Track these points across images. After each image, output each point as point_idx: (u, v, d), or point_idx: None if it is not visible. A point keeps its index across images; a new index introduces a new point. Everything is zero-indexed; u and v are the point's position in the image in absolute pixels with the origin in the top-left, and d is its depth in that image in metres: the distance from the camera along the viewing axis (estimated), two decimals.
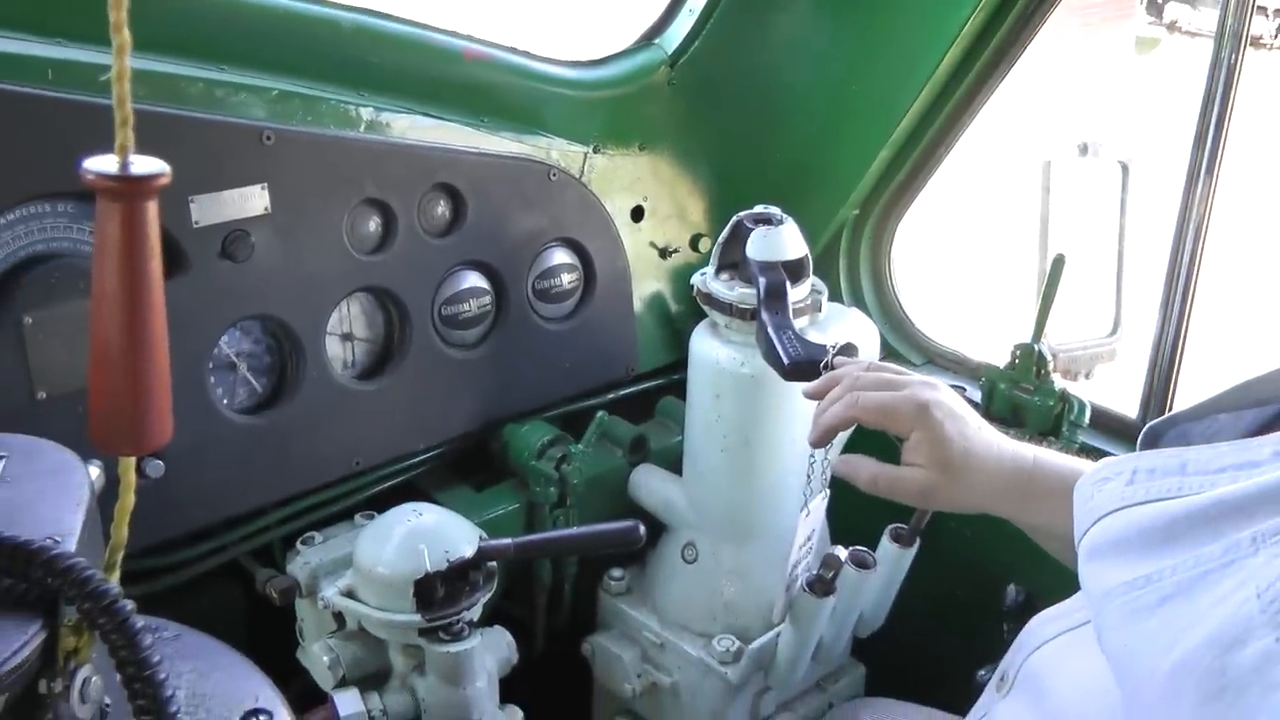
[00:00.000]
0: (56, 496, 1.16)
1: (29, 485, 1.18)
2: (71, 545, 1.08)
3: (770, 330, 1.88)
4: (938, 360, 2.51)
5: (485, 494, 2.29)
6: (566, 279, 2.34)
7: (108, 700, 1.10)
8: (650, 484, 2.34)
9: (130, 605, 1.00)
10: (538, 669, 2.44)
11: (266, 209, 1.89)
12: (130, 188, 0.93)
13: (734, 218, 2.08)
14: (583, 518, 2.28)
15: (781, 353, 1.82)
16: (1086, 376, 2.45)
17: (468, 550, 1.86)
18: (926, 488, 1.54)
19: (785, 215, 2.06)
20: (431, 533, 1.86)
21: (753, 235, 2.02)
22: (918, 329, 2.53)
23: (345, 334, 2.10)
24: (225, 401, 1.97)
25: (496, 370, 2.27)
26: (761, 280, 1.97)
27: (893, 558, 2.06)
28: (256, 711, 1.32)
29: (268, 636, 1.96)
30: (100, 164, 0.92)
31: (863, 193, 2.45)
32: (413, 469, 2.26)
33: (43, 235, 1.74)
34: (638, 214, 2.43)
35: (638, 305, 2.46)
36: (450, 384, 2.21)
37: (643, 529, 1.89)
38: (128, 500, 1.08)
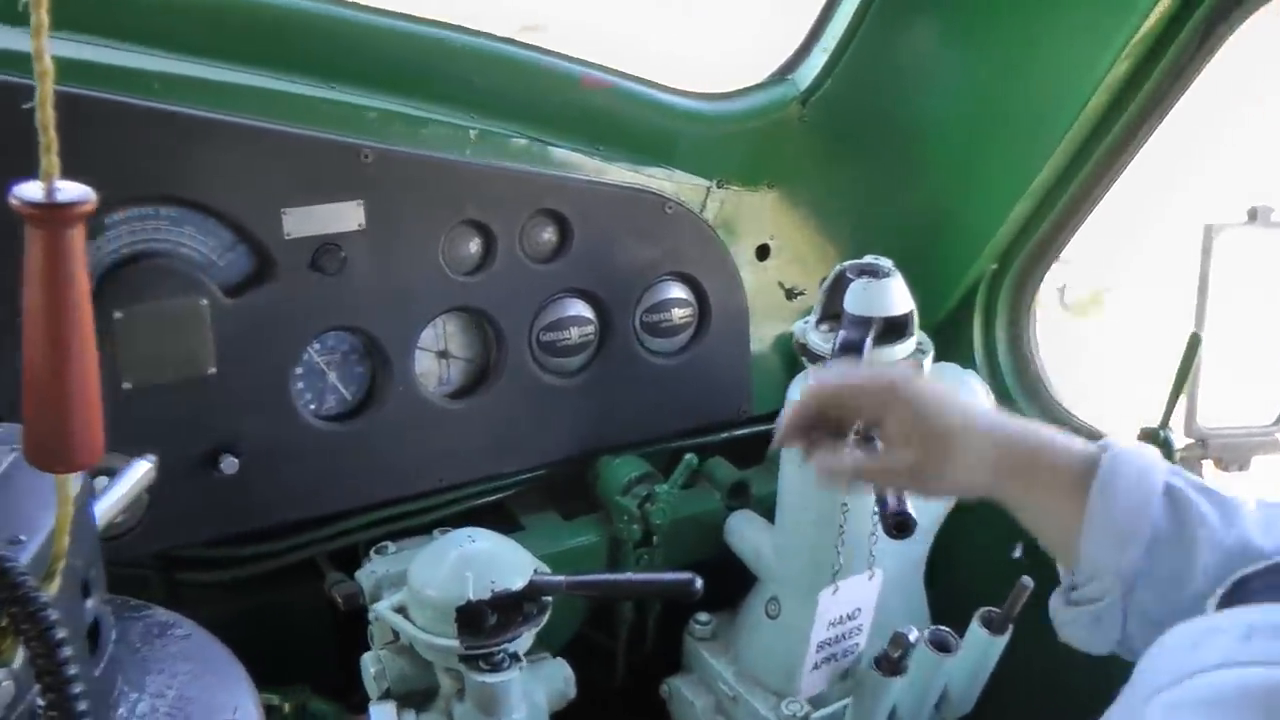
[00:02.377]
0: (44, 494, 1.19)
1: (25, 481, 1.21)
2: (35, 545, 1.11)
3: None
4: (1069, 432, 2.34)
5: (572, 524, 2.28)
6: (678, 313, 2.30)
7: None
8: (745, 531, 2.28)
9: (54, 615, 1.02)
10: (616, 703, 2.43)
11: (361, 225, 1.93)
12: (52, 214, 0.93)
13: (837, 267, 2.00)
14: (669, 559, 2.25)
15: None
16: (1241, 469, 2.25)
17: (518, 582, 1.84)
18: (916, 467, 1.40)
19: (894, 269, 1.96)
20: (481, 561, 1.85)
21: (852, 286, 1.94)
22: (1053, 397, 2.38)
23: (441, 351, 2.13)
24: (312, 407, 2.02)
25: (596, 400, 2.25)
26: (841, 333, 1.88)
27: (981, 643, 1.94)
28: None
29: (357, 636, 2.01)
30: (26, 191, 0.93)
31: (1000, 245, 2.31)
32: (504, 490, 2.27)
33: (144, 237, 1.81)
34: (763, 252, 2.37)
35: (758, 345, 2.41)
36: (545, 410, 2.21)
37: (699, 583, 1.83)
38: (65, 512, 1.10)
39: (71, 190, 0.94)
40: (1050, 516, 1.35)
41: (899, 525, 1.54)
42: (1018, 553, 2.22)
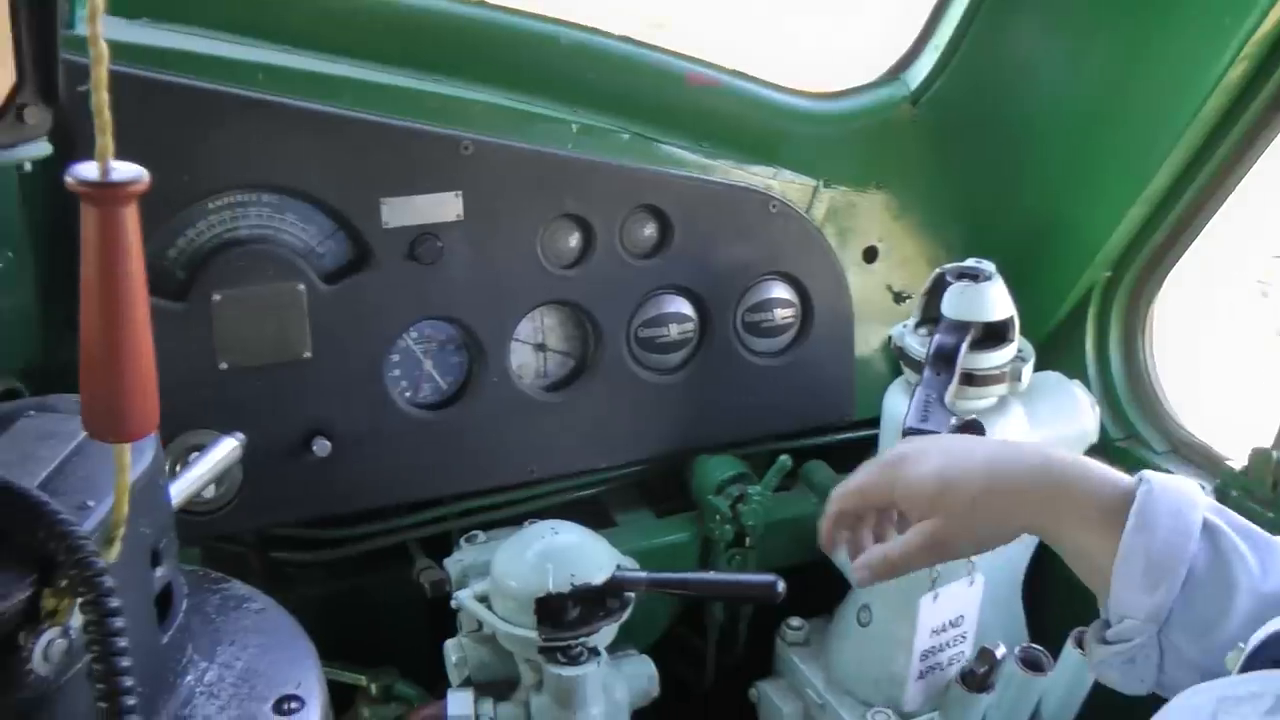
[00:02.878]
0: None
1: (100, 451, 1.24)
2: (101, 512, 1.14)
3: (918, 390, 1.76)
4: (1182, 450, 2.25)
5: (664, 521, 2.28)
6: (781, 314, 2.28)
7: None
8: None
9: (109, 581, 1.05)
10: (703, 704, 2.41)
11: (459, 215, 1.95)
12: (106, 193, 0.96)
13: (937, 269, 1.96)
14: (762, 561, 2.22)
15: (909, 416, 1.70)
16: None
17: (598, 576, 1.85)
18: (934, 539, 1.37)
19: (995, 273, 1.91)
20: (563, 553, 1.86)
21: (949, 290, 1.90)
22: (1168, 412, 2.28)
23: (539, 344, 2.14)
24: (407, 395, 2.05)
25: (694, 399, 2.24)
26: (935, 338, 1.84)
27: (1075, 665, 1.88)
28: (290, 698, 1.36)
29: (450, 623, 2.03)
30: (82, 170, 0.96)
31: (1114, 252, 2.23)
32: (599, 485, 2.28)
33: (245, 222, 1.86)
34: (870, 254, 2.33)
35: (863, 349, 2.37)
36: (641, 407, 2.20)
37: (781, 586, 1.82)
38: (123, 481, 1.12)
39: (125, 170, 0.96)
40: (1084, 552, 1.27)
41: None
42: None
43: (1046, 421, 1.99)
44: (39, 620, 1.05)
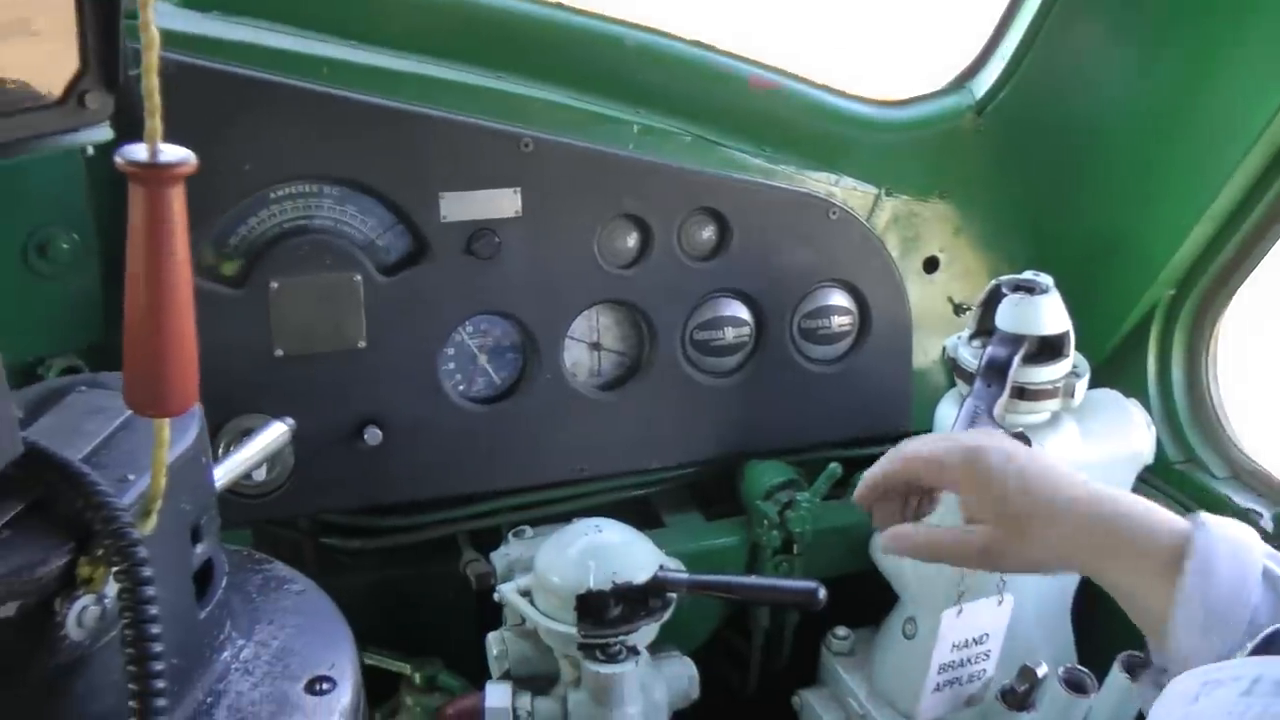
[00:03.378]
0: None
1: (145, 426, 1.27)
2: (141, 485, 1.17)
3: (967, 401, 1.74)
4: (1242, 475, 2.20)
5: (713, 525, 2.28)
6: (838, 321, 2.27)
7: None
8: None
9: (143, 553, 1.08)
10: (746, 710, 2.41)
11: (517, 212, 1.97)
12: (154, 174, 0.98)
13: (993, 281, 1.94)
14: (810, 568, 2.22)
15: (956, 427, 1.69)
16: None
17: (640, 576, 1.85)
18: (988, 547, 1.33)
19: (1052, 286, 1.88)
20: (606, 551, 1.87)
21: (1004, 302, 1.88)
22: (1229, 437, 2.23)
23: (594, 343, 2.15)
24: (461, 388, 2.07)
25: (747, 402, 2.24)
26: (988, 349, 1.83)
27: (1121, 689, 1.85)
28: (322, 679, 1.38)
29: (498, 617, 2.05)
30: (132, 151, 0.98)
31: (1179, 270, 2.19)
32: (649, 486, 2.28)
33: (306, 212, 1.90)
34: (931, 264, 2.32)
35: (921, 360, 2.35)
36: (694, 409, 2.21)
37: (823, 593, 1.81)
38: (161, 456, 1.15)
39: (173, 152, 0.99)
40: (1138, 596, 1.23)
41: None
42: None
43: (1099, 439, 1.96)
44: (74, 587, 1.08)
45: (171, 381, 1.07)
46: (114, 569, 1.07)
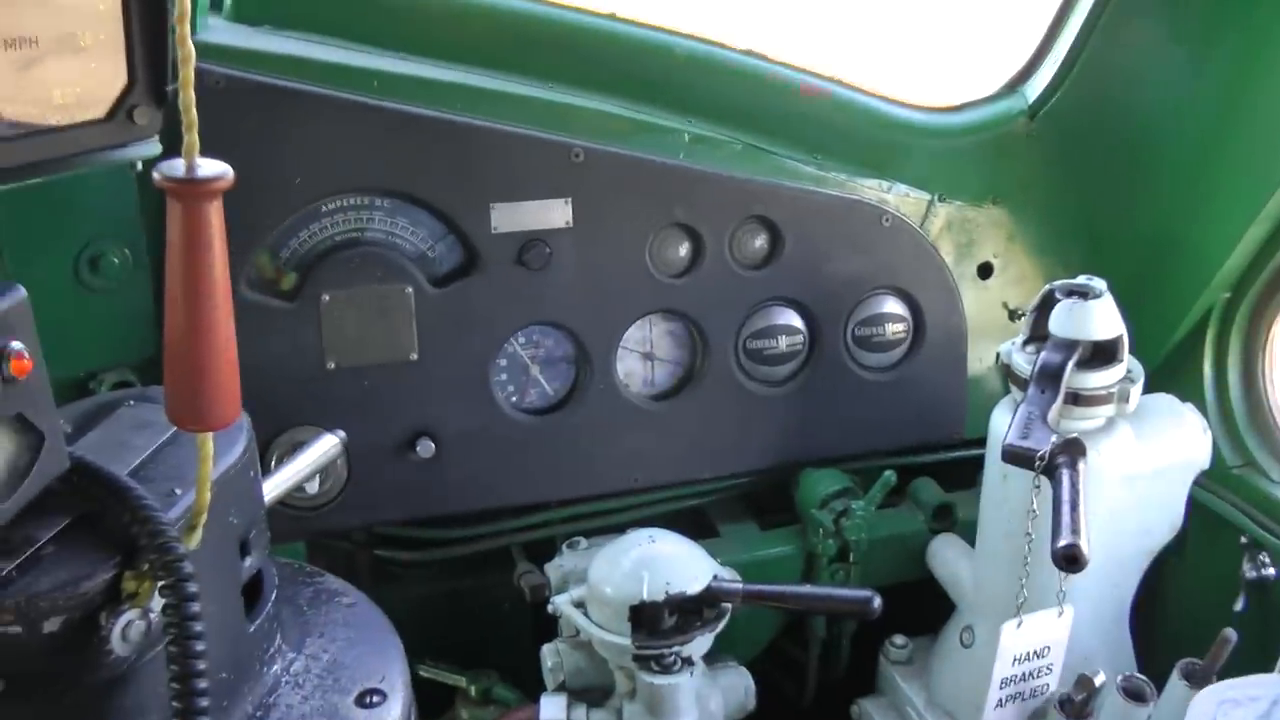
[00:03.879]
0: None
1: (192, 442, 1.28)
2: (187, 500, 1.17)
3: (1021, 407, 1.72)
4: None
5: (768, 534, 2.26)
6: (892, 329, 2.25)
7: None
8: (946, 555, 2.20)
9: (189, 568, 1.08)
10: (805, 719, 2.39)
11: (568, 222, 1.97)
12: (192, 189, 0.99)
13: (1046, 286, 1.91)
14: (866, 577, 2.19)
15: (1009, 433, 1.66)
16: None
17: (694, 586, 1.84)
18: None
19: (1105, 290, 1.85)
20: (659, 562, 1.86)
21: (1057, 307, 1.85)
22: None
23: (646, 353, 2.14)
24: (514, 399, 2.07)
25: (801, 411, 2.22)
26: (1041, 355, 1.80)
27: (1181, 696, 1.80)
28: (373, 691, 1.38)
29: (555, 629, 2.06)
30: (169, 167, 0.99)
31: (1234, 273, 2.16)
32: (704, 495, 2.27)
33: (358, 225, 1.91)
34: (985, 270, 2.29)
35: (976, 367, 2.32)
36: (747, 418, 2.19)
37: (877, 602, 1.80)
38: (205, 470, 1.16)
39: (210, 167, 0.99)
40: None
41: (1068, 558, 1.46)
42: (1240, 605, 2.06)
43: (1155, 445, 1.92)
44: (120, 601, 1.09)
45: (211, 395, 1.08)
46: (159, 584, 1.08)
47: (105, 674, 1.08)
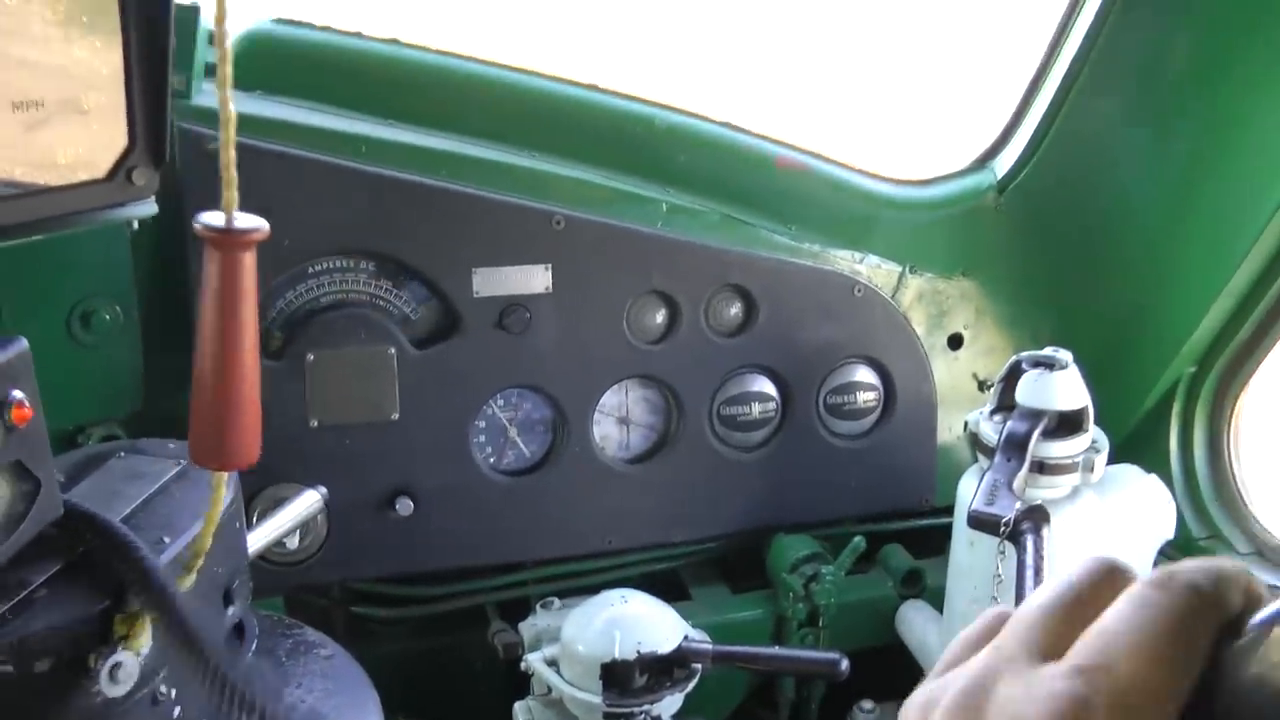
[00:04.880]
0: (195, 507, 1.29)
1: (181, 493, 1.32)
2: (177, 546, 1.21)
3: (987, 474, 1.77)
4: (1268, 553, 2.20)
5: (739, 598, 2.29)
6: (863, 397, 2.30)
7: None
8: (914, 620, 2.24)
9: (182, 603, 1.11)
10: None
11: (548, 288, 2.01)
12: (230, 239, 1.04)
13: (1013, 357, 1.97)
14: (835, 641, 2.22)
15: (975, 500, 1.71)
16: None
17: (665, 646, 1.87)
18: None
19: (1070, 361, 1.91)
20: (631, 621, 1.89)
21: (1024, 378, 1.91)
22: (1252, 513, 2.23)
23: (622, 418, 2.19)
24: (492, 460, 2.10)
25: (774, 477, 2.26)
26: (1008, 424, 1.85)
27: None
28: None
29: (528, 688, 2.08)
30: (209, 218, 1.04)
31: (1200, 347, 2.22)
32: (676, 559, 2.31)
33: (343, 286, 1.95)
34: (956, 341, 2.34)
35: (946, 435, 2.37)
36: (721, 482, 2.23)
37: (845, 663, 1.83)
38: (215, 511, 1.20)
39: (247, 220, 1.04)
40: None
41: None
42: None
43: (1120, 515, 1.97)
44: (109, 643, 1.12)
45: (236, 436, 1.12)
46: (151, 619, 1.11)
47: (93, 714, 1.11)
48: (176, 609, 1.10)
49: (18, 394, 1.05)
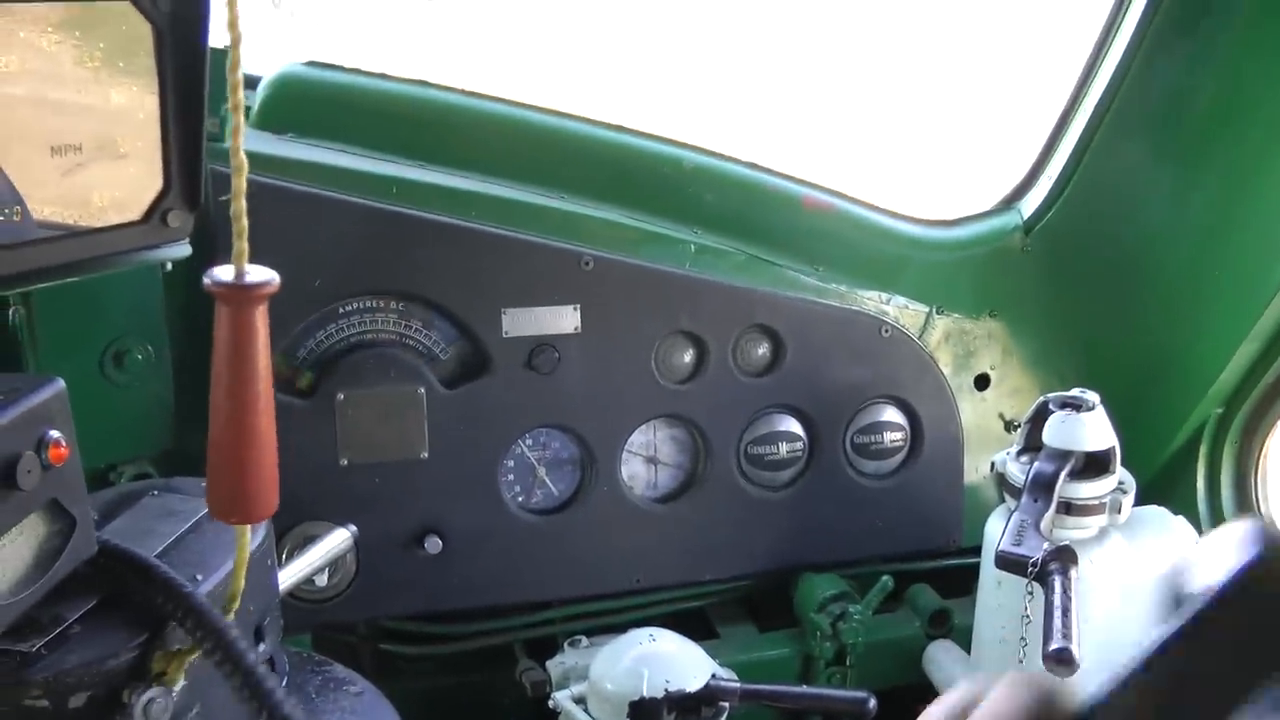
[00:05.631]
0: (228, 544, 1.30)
1: (213, 531, 1.33)
2: (210, 584, 1.22)
3: (1014, 515, 1.77)
4: None
5: (767, 636, 2.29)
6: (890, 437, 2.30)
7: None
8: (941, 660, 2.23)
9: (235, 634, 1.12)
10: None
11: (576, 328, 2.03)
12: (240, 294, 1.04)
13: (1040, 398, 1.97)
14: (862, 680, 2.22)
15: (1003, 540, 1.71)
16: None
17: (693, 684, 1.88)
18: None
19: (1098, 403, 1.91)
20: (659, 660, 1.90)
21: (1051, 419, 1.91)
22: None
23: (650, 457, 2.19)
24: (520, 499, 2.11)
25: (801, 516, 2.26)
26: (1035, 465, 1.85)
27: None
28: None
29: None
30: (219, 273, 1.04)
31: (1227, 388, 2.21)
32: (704, 598, 2.31)
33: (373, 326, 1.97)
34: (982, 382, 2.35)
35: (973, 476, 2.37)
36: (748, 522, 2.23)
37: (873, 703, 1.83)
38: (242, 558, 1.21)
39: (258, 273, 1.05)
40: None
41: (1060, 660, 1.50)
42: None
43: (1146, 555, 1.97)
44: (143, 680, 1.13)
45: (253, 489, 1.13)
46: (204, 648, 1.12)
47: None
48: (235, 643, 1.11)
49: (54, 433, 1.07)
